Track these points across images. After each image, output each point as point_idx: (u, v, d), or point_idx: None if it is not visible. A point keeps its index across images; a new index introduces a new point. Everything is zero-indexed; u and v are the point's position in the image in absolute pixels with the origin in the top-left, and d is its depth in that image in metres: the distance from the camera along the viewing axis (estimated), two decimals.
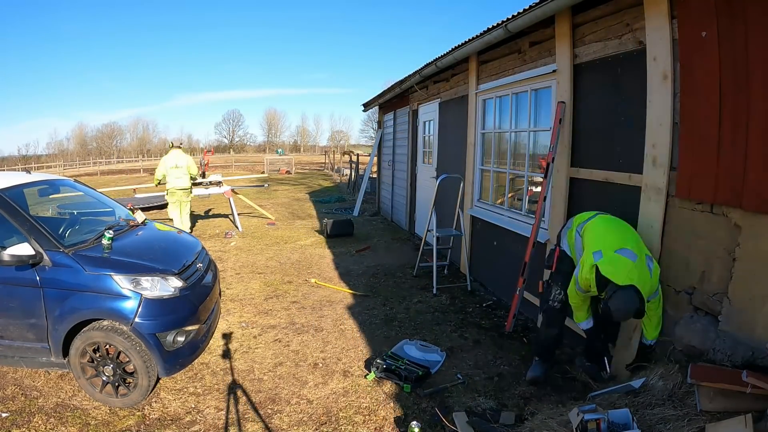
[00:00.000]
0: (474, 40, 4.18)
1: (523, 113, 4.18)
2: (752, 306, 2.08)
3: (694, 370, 2.10)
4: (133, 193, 10.05)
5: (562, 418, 2.22)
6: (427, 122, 7.07)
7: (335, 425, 2.57)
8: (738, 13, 2.06)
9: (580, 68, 3.27)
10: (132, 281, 2.72)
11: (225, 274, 5.44)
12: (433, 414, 2.61)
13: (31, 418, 2.60)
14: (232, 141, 79.84)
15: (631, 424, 1.95)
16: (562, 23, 3.35)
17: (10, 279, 2.66)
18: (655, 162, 2.58)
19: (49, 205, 3.97)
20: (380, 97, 9.12)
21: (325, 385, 2.98)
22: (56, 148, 68.17)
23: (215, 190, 8.37)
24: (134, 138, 76.60)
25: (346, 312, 4.27)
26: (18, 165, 39.01)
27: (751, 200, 2.05)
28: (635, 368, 2.59)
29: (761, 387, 1.82)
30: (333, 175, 23.07)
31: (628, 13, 2.78)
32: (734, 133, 2.11)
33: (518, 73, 4.12)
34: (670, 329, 2.53)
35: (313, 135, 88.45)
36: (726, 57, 2.13)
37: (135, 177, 24.71)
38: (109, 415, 2.66)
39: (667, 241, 2.56)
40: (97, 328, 2.65)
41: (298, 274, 5.51)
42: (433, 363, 3.17)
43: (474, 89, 5.00)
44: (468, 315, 4.19)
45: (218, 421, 2.61)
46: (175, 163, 7.02)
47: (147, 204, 9.75)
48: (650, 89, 2.59)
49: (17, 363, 2.86)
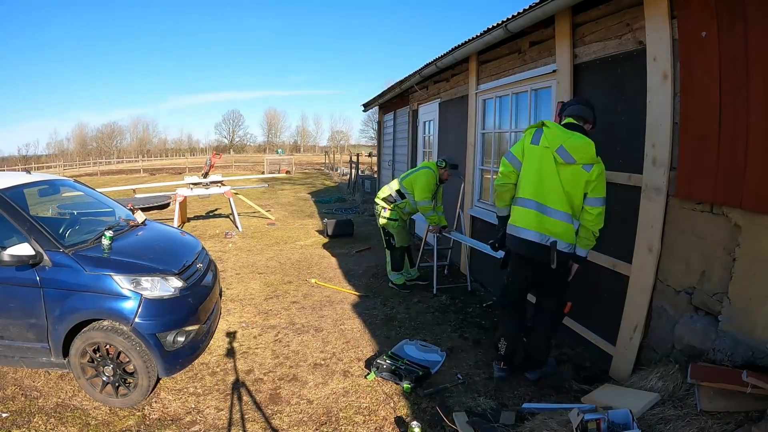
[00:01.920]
0: (474, 40, 4.18)
1: (523, 113, 4.18)
2: (752, 306, 2.08)
3: (694, 370, 2.10)
4: (133, 193, 10.04)
5: (562, 418, 2.23)
6: (427, 122, 7.07)
7: (335, 425, 2.57)
8: (738, 13, 2.06)
9: (580, 68, 3.27)
10: (132, 281, 2.72)
11: (225, 274, 5.45)
12: (434, 414, 2.61)
13: (31, 418, 2.60)
14: (233, 141, 79.77)
15: (631, 424, 1.95)
16: (562, 23, 3.35)
17: (10, 279, 2.66)
18: (655, 162, 2.58)
19: (49, 205, 3.97)
20: (380, 97, 9.12)
21: (326, 385, 2.98)
22: (56, 149, 68.22)
23: (215, 190, 8.38)
24: (134, 138, 76.63)
25: (346, 312, 4.27)
26: (18, 165, 39.05)
27: (751, 200, 2.05)
28: (635, 369, 2.59)
29: (761, 387, 1.82)
30: (333, 175, 23.07)
31: (628, 13, 2.78)
32: (734, 133, 2.11)
33: (518, 73, 4.12)
34: (670, 329, 2.53)
35: (313, 135, 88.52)
36: (726, 57, 2.13)
37: (135, 177, 24.72)
38: (109, 415, 2.66)
39: (667, 241, 2.56)
40: (97, 328, 2.65)
41: (299, 274, 5.52)
42: (433, 363, 3.17)
43: (474, 89, 5.00)
44: (468, 315, 4.19)
45: (218, 422, 2.61)
46: None
47: (147, 204, 9.72)
48: (650, 89, 2.59)
49: (17, 363, 2.86)
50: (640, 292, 2.71)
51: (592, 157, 2.59)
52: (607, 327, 3.02)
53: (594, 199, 2.63)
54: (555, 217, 2.65)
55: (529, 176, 2.74)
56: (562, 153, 2.62)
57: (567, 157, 2.60)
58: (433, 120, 6.60)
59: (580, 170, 2.59)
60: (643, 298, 2.69)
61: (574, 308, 3.41)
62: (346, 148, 57.38)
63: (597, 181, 2.59)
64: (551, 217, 2.66)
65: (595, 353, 3.13)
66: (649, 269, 2.64)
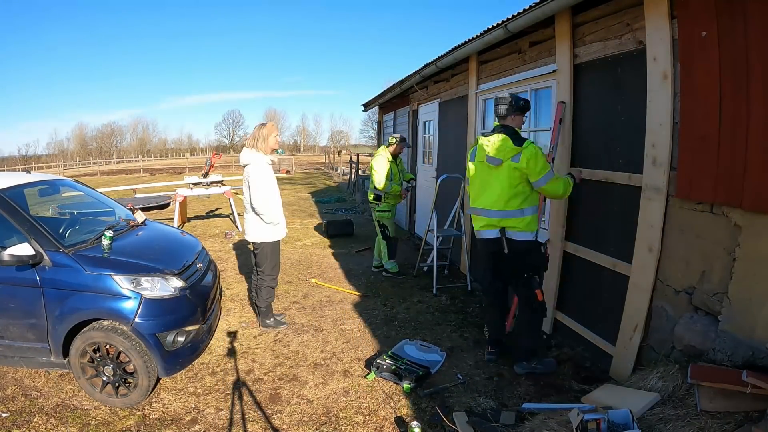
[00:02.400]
0: (474, 40, 4.18)
1: None
2: (752, 306, 2.08)
3: (694, 370, 2.10)
4: (133, 193, 10.03)
5: (562, 418, 2.22)
6: (427, 122, 7.07)
7: (335, 425, 2.57)
8: (738, 13, 2.06)
9: (580, 68, 3.27)
10: (132, 281, 2.72)
11: (225, 274, 5.44)
12: (434, 414, 2.61)
13: (31, 418, 2.60)
14: (233, 141, 79.69)
15: (631, 424, 1.95)
16: (562, 23, 3.35)
17: (10, 279, 2.66)
18: (655, 162, 2.58)
19: (49, 205, 3.97)
20: (380, 97, 9.12)
21: (326, 385, 2.98)
22: (56, 149, 68.20)
23: (215, 190, 8.38)
24: (134, 138, 76.58)
25: (346, 312, 4.27)
26: (18, 165, 39.05)
27: (751, 200, 2.05)
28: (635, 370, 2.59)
29: (761, 387, 1.82)
30: (333, 174, 23.06)
31: (628, 13, 2.78)
32: (734, 133, 2.11)
33: (518, 73, 4.12)
34: (670, 329, 2.53)
35: (313, 135, 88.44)
36: (726, 57, 2.13)
37: (135, 177, 24.72)
38: (109, 415, 2.66)
39: (667, 241, 2.56)
40: (97, 328, 2.65)
41: (299, 274, 5.51)
42: (433, 363, 3.17)
43: (474, 89, 5.00)
44: (468, 315, 4.19)
45: (218, 422, 2.61)
46: None
47: (147, 204, 9.72)
48: (650, 89, 2.59)
49: (17, 363, 2.87)
50: (640, 292, 2.71)
51: (511, 148, 2.83)
52: (607, 327, 3.02)
53: (538, 181, 2.83)
54: (497, 216, 2.96)
55: (474, 188, 3.14)
56: (490, 159, 2.93)
57: (495, 161, 2.90)
58: (433, 120, 6.60)
59: (510, 164, 2.84)
60: (643, 298, 2.69)
61: (574, 308, 3.42)
62: (346, 147, 57.38)
63: (531, 166, 2.79)
64: (494, 217, 2.97)
65: (595, 353, 3.13)
66: (649, 269, 2.64)
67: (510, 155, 2.83)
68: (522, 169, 2.80)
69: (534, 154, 2.78)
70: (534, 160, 2.78)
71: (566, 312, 3.50)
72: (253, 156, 3.63)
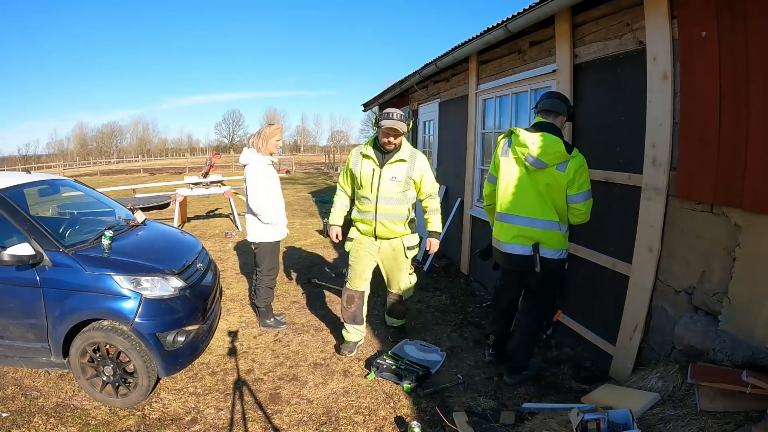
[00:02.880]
0: (474, 40, 4.18)
1: (523, 113, 4.18)
2: (752, 306, 2.08)
3: (694, 370, 2.10)
4: (133, 193, 10.04)
5: (562, 418, 2.22)
6: (427, 122, 7.07)
7: (335, 425, 2.57)
8: (738, 13, 2.06)
9: (580, 68, 3.27)
10: (132, 281, 2.72)
11: (225, 274, 5.44)
12: (433, 414, 2.61)
13: (31, 418, 2.60)
14: (233, 141, 79.70)
15: (631, 424, 1.95)
16: (562, 23, 3.35)
17: (10, 279, 2.66)
18: (654, 162, 2.58)
19: (49, 205, 3.97)
20: (380, 97, 9.12)
21: (326, 385, 2.98)
22: (56, 148, 68.29)
23: (215, 190, 8.37)
24: (134, 138, 76.64)
25: None
26: (18, 165, 39.08)
27: (751, 200, 2.04)
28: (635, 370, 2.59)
29: (761, 387, 1.82)
30: (334, 174, 23.05)
31: (628, 13, 2.78)
32: (734, 133, 2.11)
33: (518, 73, 4.12)
34: (670, 329, 2.53)
35: (313, 135, 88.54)
36: (726, 57, 2.13)
37: (135, 177, 24.72)
38: (109, 415, 2.66)
39: (667, 241, 2.56)
40: (97, 328, 2.65)
41: (299, 274, 5.51)
42: (433, 363, 3.17)
43: (474, 89, 5.00)
44: (468, 315, 4.19)
45: (218, 421, 2.61)
46: None
47: (147, 204, 9.72)
48: (650, 89, 2.59)
49: (17, 363, 2.86)
50: (640, 292, 2.71)
51: (562, 154, 2.51)
52: (607, 327, 3.02)
53: (575, 195, 2.57)
54: (534, 226, 2.63)
55: (504, 189, 2.72)
56: (531, 160, 2.57)
57: (538, 163, 2.56)
58: (433, 120, 6.60)
59: (555, 172, 2.54)
60: (643, 298, 2.69)
61: (574, 308, 3.42)
62: (346, 148, 57.32)
63: (575, 178, 2.53)
64: (530, 226, 2.64)
65: (595, 353, 3.13)
66: (649, 269, 2.64)
67: (557, 161, 2.52)
68: (568, 179, 2.52)
69: (582, 166, 2.53)
70: (580, 173, 2.53)
71: (566, 312, 3.50)
72: (251, 156, 3.63)
